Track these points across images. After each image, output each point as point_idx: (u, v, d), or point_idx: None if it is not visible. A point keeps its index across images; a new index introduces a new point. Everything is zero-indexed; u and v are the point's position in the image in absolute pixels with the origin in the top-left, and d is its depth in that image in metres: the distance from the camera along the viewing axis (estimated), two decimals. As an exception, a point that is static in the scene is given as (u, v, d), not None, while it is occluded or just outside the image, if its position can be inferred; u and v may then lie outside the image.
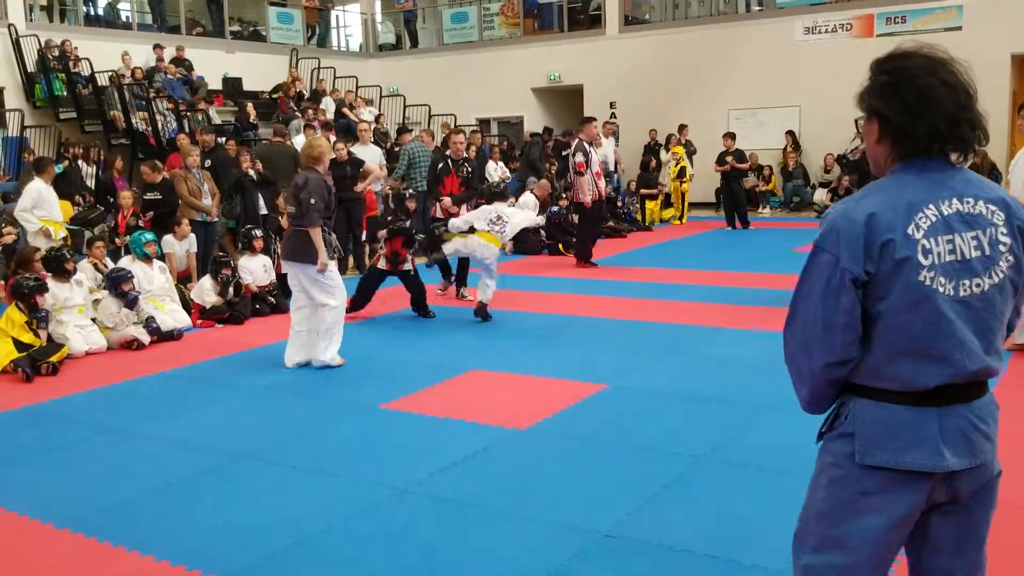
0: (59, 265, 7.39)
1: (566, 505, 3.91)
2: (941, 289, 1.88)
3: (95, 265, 8.47)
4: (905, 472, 1.93)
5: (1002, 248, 1.94)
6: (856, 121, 2.45)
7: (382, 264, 8.14)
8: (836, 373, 1.98)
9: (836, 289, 1.91)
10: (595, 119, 11.43)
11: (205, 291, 8.51)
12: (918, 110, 1.90)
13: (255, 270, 8.94)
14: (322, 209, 6.36)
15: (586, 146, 10.75)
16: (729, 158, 14.38)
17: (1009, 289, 1.97)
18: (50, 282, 7.27)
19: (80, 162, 12.86)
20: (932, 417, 1.92)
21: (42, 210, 9.12)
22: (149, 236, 8.49)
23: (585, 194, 10.78)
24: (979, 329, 1.92)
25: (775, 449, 4.46)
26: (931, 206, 1.90)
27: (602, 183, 11.03)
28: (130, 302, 7.50)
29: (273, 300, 8.84)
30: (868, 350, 1.94)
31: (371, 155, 11.45)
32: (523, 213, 8.36)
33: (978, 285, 1.91)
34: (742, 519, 3.72)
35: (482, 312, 7.86)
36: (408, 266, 8.15)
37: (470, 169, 9.16)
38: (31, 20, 15.14)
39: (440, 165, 9.13)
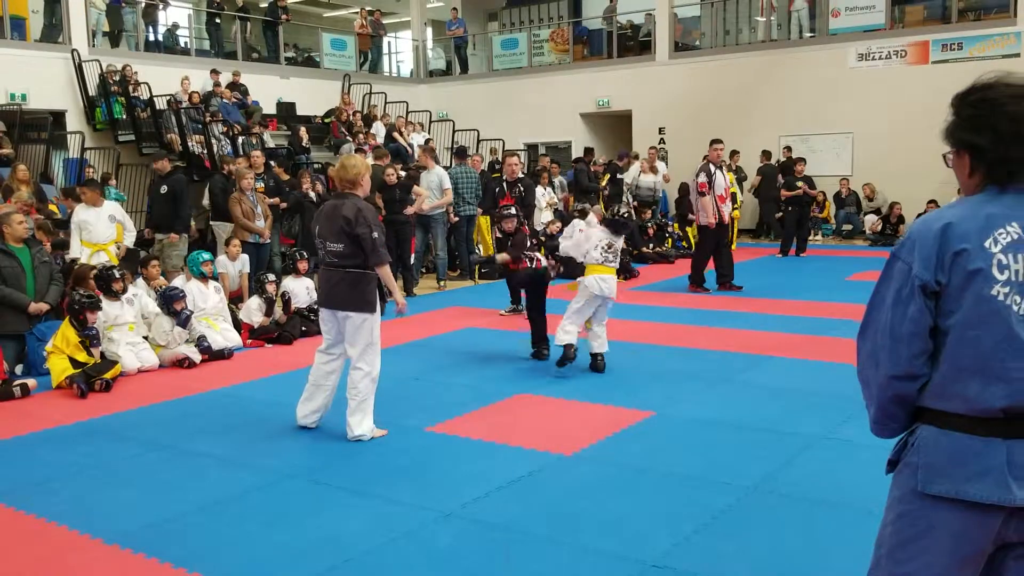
0: (106, 284, 7.55)
1: (612, 534, 3.86)
2: (1015, 307, 1.82)
3: (153, 285, 8.63)
4: (970, 504, 1.84)
5: None
6: (944, 156, 2.42)
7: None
8: (903, 388, 1.92)
9: (906, 298, 1.88)
10: (721, 141, 11.04)
11: (253, 311, 8.63)
12: (1013, 137, 1.88)
13: (298, 292, 9.06)
14: (385, 242, 5.39)
15: (711, 167, 10.61)
16: (800, 183, 14.11)
17: None
18: (102, 300, 7.43)
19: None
20: (999, 447, 1.84)
21: (86, 232, 9.05)
22: (206, 256, 8.65)
23: (708, 215, 10.59)
24: None
25: (826, 482, 4.36)
26: (1014, 223, 1.86)
27: (726, 207, 10.75)
28: (182, 321, 7.62)
29: (313, 319, 8.94)
30: (936, 367, 1.90)
31: (436, 179, 11.49)
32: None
33: None
34: (792, 553, 3.63)
35: (602, 365, 6.85)
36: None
37: (523, 189, 9.34)
38: (93, 46, 15.59)
39: (496, 189, 9.48)
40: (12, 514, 4.30)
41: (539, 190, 14.78)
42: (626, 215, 7.24)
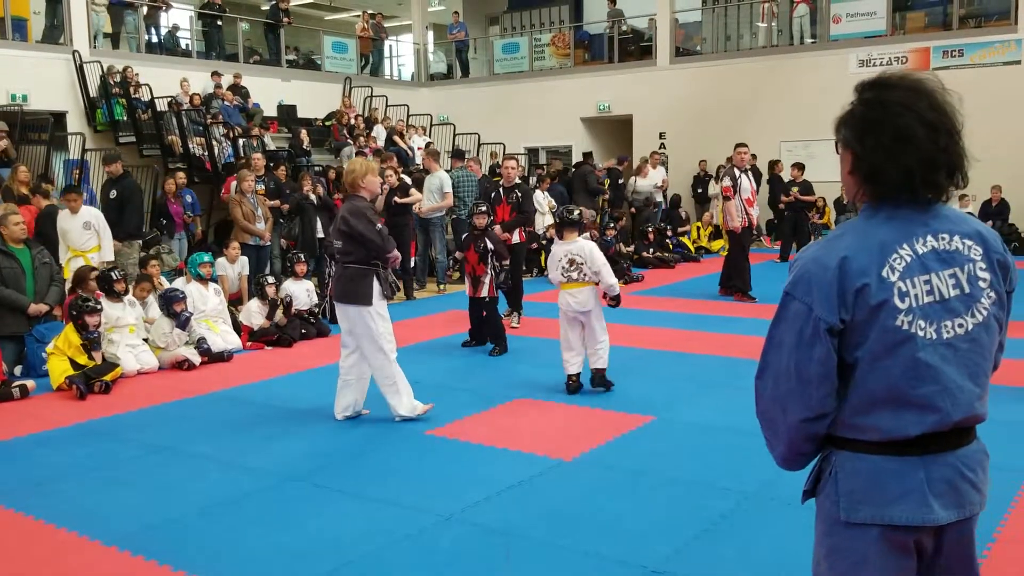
0: (108, 285, 7.54)
1: (612, 538, 3.85)
2: (921, 333, 1.78)
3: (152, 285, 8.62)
4: (896, 528, 1.81)
5: (982, 284, 1.83)
6: (835, 143, 2.35)
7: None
8: (814, 429, 1.87)
9: (810, 340, 1.80)
10: (746, 145, 10.84)
11: (253, 313, 8.62)
12: (892, 152, 1.78)
13: (298, 294, 9.07)
14: (385, 235, 5.69)
15: (735, 171, 10.48)
16: (794, 189, 14.07)
17: (995, 326, 1.86)
18: (103, 301, 7.42)
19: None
20: (917, 467, 1.80)
21: (67, 238, 8.79)
22: (206, 257, 8.64)
23: (734, 219, 10.47)
24: (971, 373, 1.81)
25: (827, 487, 4.35)
26: (905, 245, 1.80)
27: (754, 211, 10.60)
28: (182, 323, 7.61)
29: (313, 321, 8.97)
30: (844, 399, 1.83)
31: (437, 182, 11.48)
32: (594, 246, 6.44)
33: (961, 326, 1.81)
34: (794, 558, 3.62)
35: (601, 380, 6.37)
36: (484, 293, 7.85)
37: (520, 195, 9.19)
38: (95, 47, 15.58)
39: (493, 194, 9.23)
40: (11, 515, 4.29)
41: (539, 194, 14.80)
42: (578, 213, 6.89)
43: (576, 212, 6.45)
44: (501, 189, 9.23)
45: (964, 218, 1.90)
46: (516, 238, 9.03)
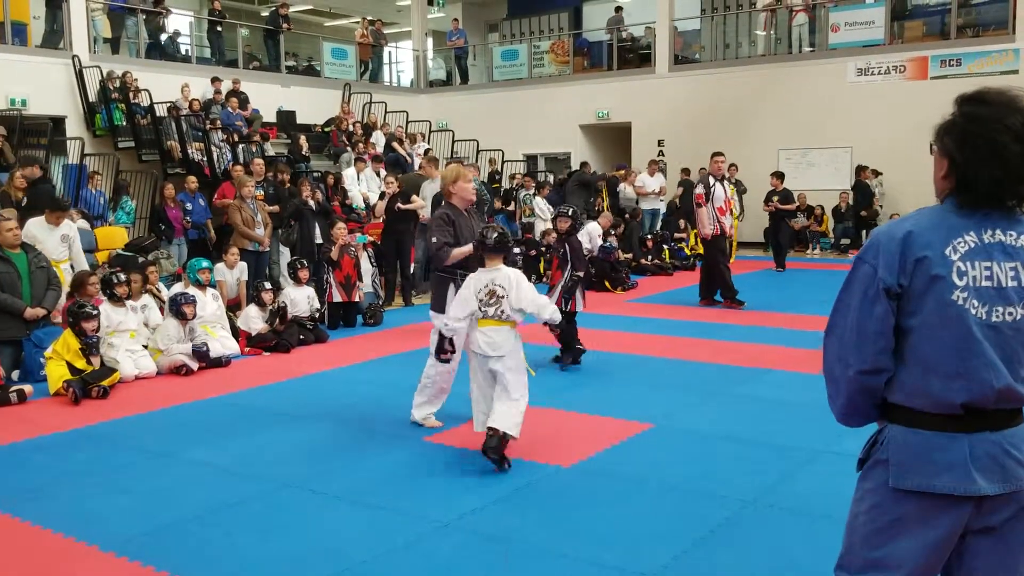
0: (110, 289, 7.54)
1: (610, 546, 3.85)
2: (973, 311, 1.96)
3: (149, 291, 8.61)
4: (939, 496, 1.99)
5: None
6: (931, 145, 2.41)
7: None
8: (870, 382, 2.05)
9: (872, 298, 2.01)
10: (722, 154, 11.03)
11: (251, 319, 8.62)
12: (987, 163, 1.96)
13: (299, 300, 9.07)
14: (450, 244, 5.42)
15: (710, 179, 10.62)
16: (775, 198, 14.23)
17: None
18: (106, 306, 7.42)
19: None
20: (962, 442, 1.99)
21: (39, 246, 8.05)
22: (204, 263, 8.64)
23: (705, 226, 10.60)
24: (1006, 356, 1.98)
25: (825, 495, 4.34)
26: (972, 232, 1.99)
27: (726, 219, 10.68)
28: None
29: (311, 327, 8.97)
30: (901, 364, 2.04)
31: (438, 188, 11.41)
32: (523, 279, 5.09)
33: (1011, 314, 1.98)
34: (792, 565, 3.62)
35: (496, 450, 4.76)
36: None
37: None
38: (94, 52, 15.61)
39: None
40: (8, 521, 4.28)
41: (539, 201, 14.83)
42: (572, 212, 6.42)
43: (496, 233, 5.03)
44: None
45: None
46: None
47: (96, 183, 12.53)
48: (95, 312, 7.07)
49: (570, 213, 7.75)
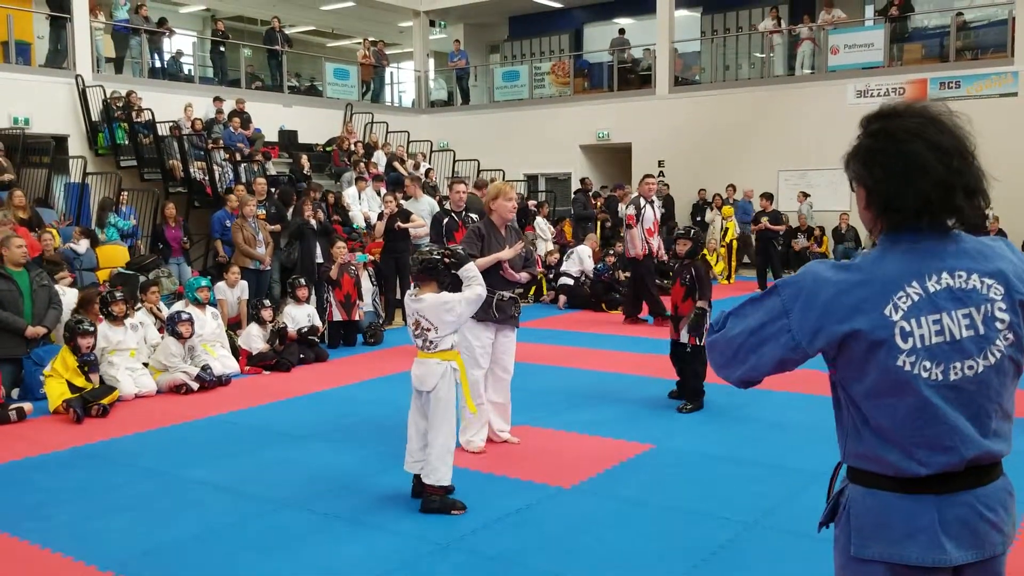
0: (106, 308, 7.56)
1: (610, 568, 3.83)
2: (925, 374, 1.72)
3: (150, 310, 8.62)
4: (908, 568, 1.75)
5: (999, 325, 1.75)
6: (850, 181, 2.32)
7: None
8: (749, 385, 1.92)
9: (768, 338, 1.81)
10: (653, 176, 11.60)
11: (252, 337, 8.62)
12: (904, 179, 1.73)
13: (299, 318, 9.07)
14: (474, 256, 5.11)
15: (640, 201, 10.81)
16: (764, 219, 14.28)
17: (1009, 368, 1.78)
18: (105, 325, 7.42)
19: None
20: (929, 506, 1.74)
21: None
22: (203, 282, 8.66)
23: (636, 247, 10.78)
24: (972, 414, 1.74)
25: (827, 517, 4.33)
26: (915, 283, 1.73)
27: (654, 241, 10.93)
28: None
29: (316, 339, 8.98)
30: (857, 433, 1.80)
31: (426, 207, 11.50)
32: (464, 305, 4.58)
33: (971, 367, 1.73)
34: (793, 589, 3.61)
35: (427, 502, 4.53)
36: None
37: (475, 219, 8.50)
38: (98, 71, 15.69)
39: (446, 220, 8.04)
40: (6, 540, 4.26)
41: (540, 220, 14.88)
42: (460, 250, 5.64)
43: (423, 257, 4.63)
44: (454, 215, 8.17)
45: (989, 254, 1.81)
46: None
47: (123, 201, 12.56)
48: (92, 329, 7.07)
49: (691, 234, 6.85)
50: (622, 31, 20.64)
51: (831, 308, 1.74)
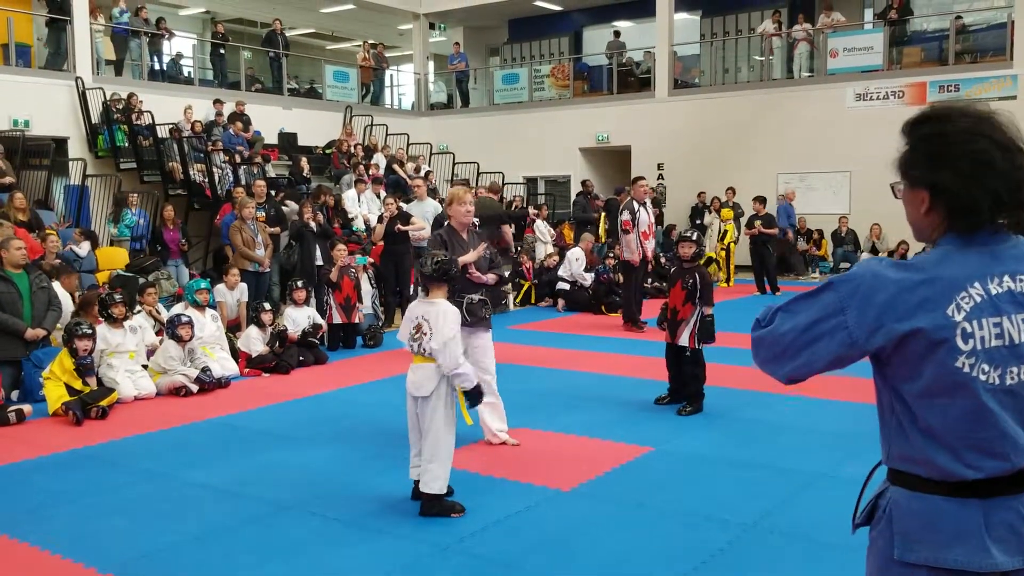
0: (105, 310, 7.56)
1: (610, 570, 3.83)
2: (983, 377, 1.69)
3: (149, 312, 8.62)
4: (950, 572, 1.73)
5: None
6: (892, 186, 2.28)
7: None
8: (795, 382, 1.88)
9: (824, 334, 1.77)
10: (644, 178, 11.34)
11: (252, 340, 8.62)
12: (974, 179, 1.70)
13: (300, 320, 9.07)
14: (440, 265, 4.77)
15: (634, 205, 10.74)
16: (757, 222, 14.28)
17: None
18: (104, 327, 7.42)
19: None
20: (976, 510, 1.72)
21: None
22: (203, 284, 8.66)
23: (632, 252, 10.74)
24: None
25: (826, 520, 4.33)
26: (977, 284, 1.71)
27: (649, 244, 10.91)
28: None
29: (317, 340, 8.97)
30: (904, 435, 1.77)
31: (431, 209, 11.51)
32: (448, 320, 4.49)
33: None
34: (792, 592, 3.61)
35: (427, 506, 4.56)
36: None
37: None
38: (98, 74, 15.69)
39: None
40: (5, 542, 4.26)
41: (540, 223, 14.89)
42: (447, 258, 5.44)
43: (434, 260, 4.63)
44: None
45: None
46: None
47: (132, 203, 12.55)
48: (90, 331, 7.07)
49: (694, 237, 6.86)
50: (617, 33, 20.65)
51: (892, 306, 1.71)
